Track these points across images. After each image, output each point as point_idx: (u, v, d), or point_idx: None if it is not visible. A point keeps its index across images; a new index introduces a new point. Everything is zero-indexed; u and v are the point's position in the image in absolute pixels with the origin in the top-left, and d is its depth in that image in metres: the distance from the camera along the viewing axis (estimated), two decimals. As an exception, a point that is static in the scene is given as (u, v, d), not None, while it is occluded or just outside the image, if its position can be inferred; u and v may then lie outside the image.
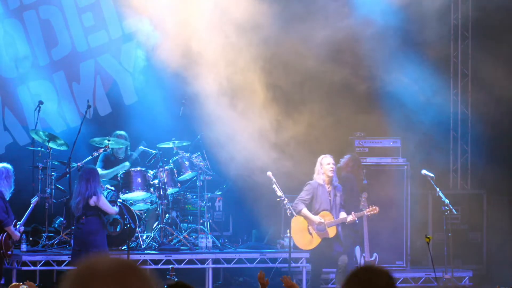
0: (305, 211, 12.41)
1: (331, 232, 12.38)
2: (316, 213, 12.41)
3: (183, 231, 13.91)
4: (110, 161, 14.21)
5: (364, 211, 12.51)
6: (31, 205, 12.70)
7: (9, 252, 11.88)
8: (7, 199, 11.94)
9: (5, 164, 12.08)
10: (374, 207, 12.52)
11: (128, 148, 14.44)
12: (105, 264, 2.48)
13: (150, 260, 13.10)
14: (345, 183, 12.88)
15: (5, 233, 11.82)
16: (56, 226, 13.76)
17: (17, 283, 8.42)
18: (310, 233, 12.43)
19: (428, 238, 10.53)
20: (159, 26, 14.68)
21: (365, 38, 14.86)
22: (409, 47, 14.99)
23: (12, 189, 12.04)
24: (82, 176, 11.85)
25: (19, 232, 12.08)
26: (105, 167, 14.03)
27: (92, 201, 11.69)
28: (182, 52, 14.15)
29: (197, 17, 14.30)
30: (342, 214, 12.44)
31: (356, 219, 12.36)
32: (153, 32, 14.82)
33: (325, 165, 12.43)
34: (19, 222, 12.14)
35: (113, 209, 12.17)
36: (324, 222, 12.35)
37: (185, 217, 14.40)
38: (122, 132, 14.29)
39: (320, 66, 14.57)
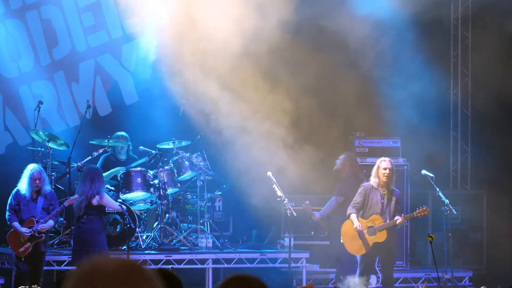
0: (352, 216, 12.11)
1: (382, 236, 12.08)
2: (366, 216, 12.14)
3: (183, 231, 13.90)
4: (111, 162, 14.16)
5: (414, 213, 12.19)
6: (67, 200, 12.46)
7: (20, 250, 11.80)
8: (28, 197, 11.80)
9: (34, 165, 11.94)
10: (425, 208, 12.17)
11: (130, 149, 14.40)
12: (110, 264, 2.48)
13: (150, 260, 13.08)
14: (349, 185, 12.80)
15: (11, 230, 11.81)
16: (56, 226, 13.74)
17: (24, 287, 8.40)
18: (361, 238, 12.09)
19: (431, 237, 10.53)
20: (159, 26, 14.67)
21: (364, 38, 14.85)
22: (409, 47, 14.99)
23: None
24: (87, 176, 11.85)
25: (36, 229, 11.78)
26: (103, 170, 13.82)
27: (95, 200, 11.71)
28: (182, 53, 14.15)
29: (202, 20, 14.27)
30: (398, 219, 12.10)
31: (406, 221, 12.00)
32: (154, 31, 14.81)
33: (381, 169, 12.15)
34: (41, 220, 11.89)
35: (118, 206, 12.18)
36: (374, 226, 12.07)
37: (185, 217, 14.39)
38: (123, 133, 14.26)
39: (320, 66, 14.57)
